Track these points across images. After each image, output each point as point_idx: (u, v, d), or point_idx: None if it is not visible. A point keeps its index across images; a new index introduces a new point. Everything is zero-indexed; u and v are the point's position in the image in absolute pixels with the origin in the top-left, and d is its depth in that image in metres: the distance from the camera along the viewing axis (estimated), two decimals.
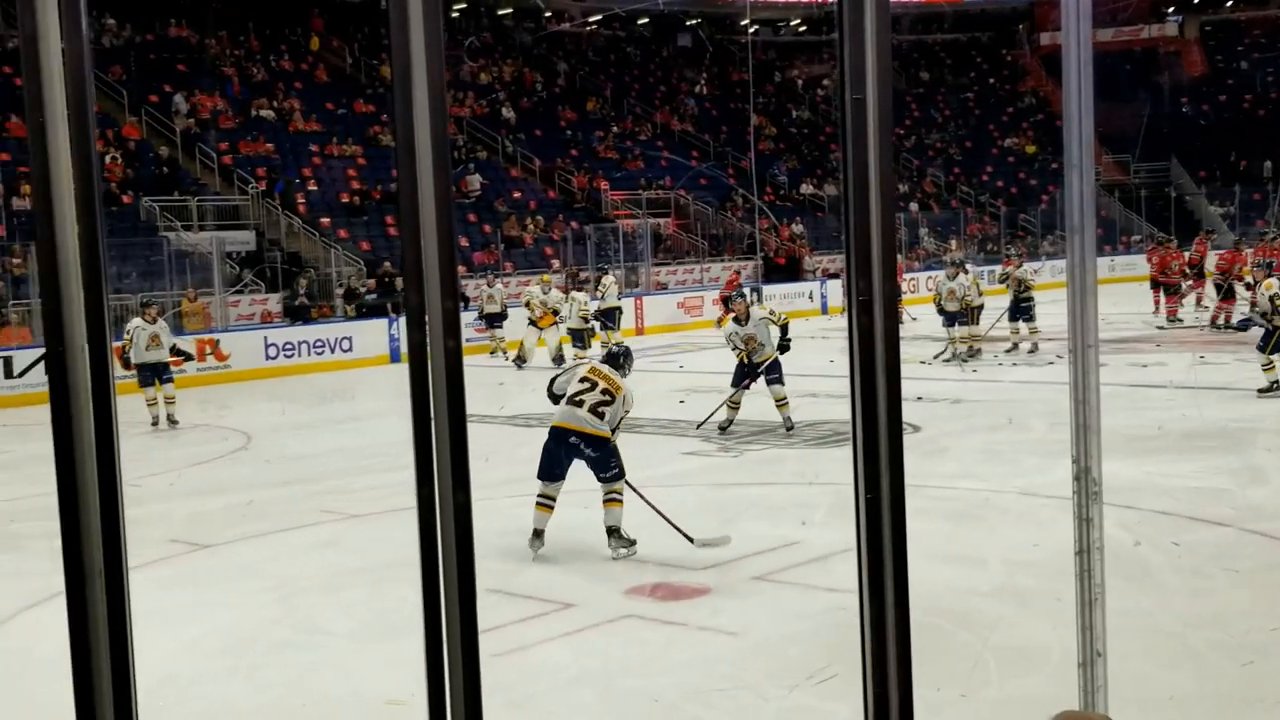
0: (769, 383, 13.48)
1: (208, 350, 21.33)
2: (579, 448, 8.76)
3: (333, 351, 22.87)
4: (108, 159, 25.39)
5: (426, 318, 2.48)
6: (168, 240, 24.15)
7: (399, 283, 25.21)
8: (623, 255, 29.44)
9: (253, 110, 30.42)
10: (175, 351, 16.39)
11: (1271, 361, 14.38)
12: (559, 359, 20.89)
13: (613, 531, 8.67)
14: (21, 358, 18.96)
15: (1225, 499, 9.65)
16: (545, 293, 21.56)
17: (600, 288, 21.98)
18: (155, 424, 15.80)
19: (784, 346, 13.62)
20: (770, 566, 8.30)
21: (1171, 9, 49.91)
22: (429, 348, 2.45)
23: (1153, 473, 10.33)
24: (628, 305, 25.33)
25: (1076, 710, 3.25)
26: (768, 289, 30.54)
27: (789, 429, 13.38)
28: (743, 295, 14.76)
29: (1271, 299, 14.42)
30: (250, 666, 6.84)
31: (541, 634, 6.99)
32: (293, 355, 22.40)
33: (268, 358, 22.15)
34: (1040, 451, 11.80)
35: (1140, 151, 42.33)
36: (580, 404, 8.83)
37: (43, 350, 11.99)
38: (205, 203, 26.40)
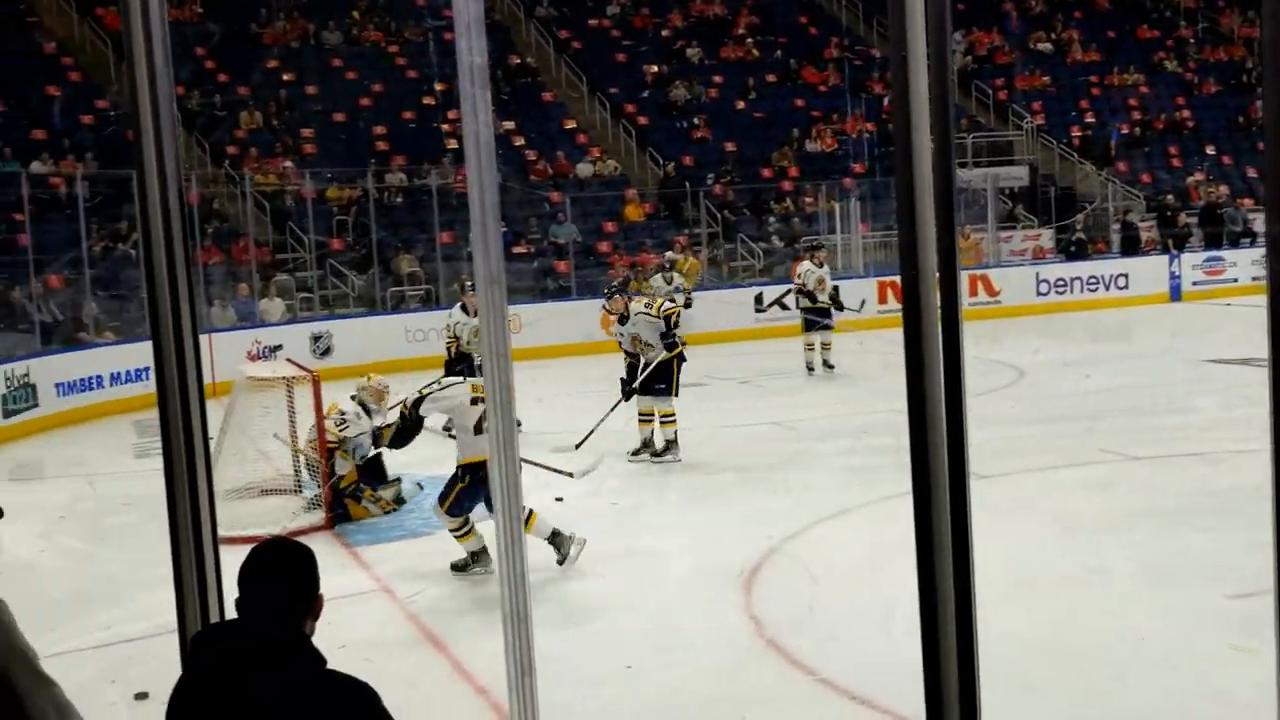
0: (654, 393, 11.02)
1: (979, 286, 21.69)
2: None
3: (1107, 289, 22.27)
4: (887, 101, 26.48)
5: None
6: None
7: (1181, 218, 23.91)
8: None
9: (1030, 44, 30.15)
10: (834, 302, 16.11)
11: None
12: None
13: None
14: (770, 292, 20.51)
15: None
16: None
17: None
18: (810, 370, 15.88)
19: (670, 344, 11.03)
20: None
21: None
22: None
23: None
24: None
25: None
26: None
27: (653, 454, 11.00)
28: (621, 291, 12.08)
29: None
30: (1031, 598, 6.89)
31: None
32: (1065, 291, 22.12)
33: (1039, 294, 22.07)
34: None
35: None
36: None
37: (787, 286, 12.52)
38: (980, 139, 26.69)
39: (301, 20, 25.54)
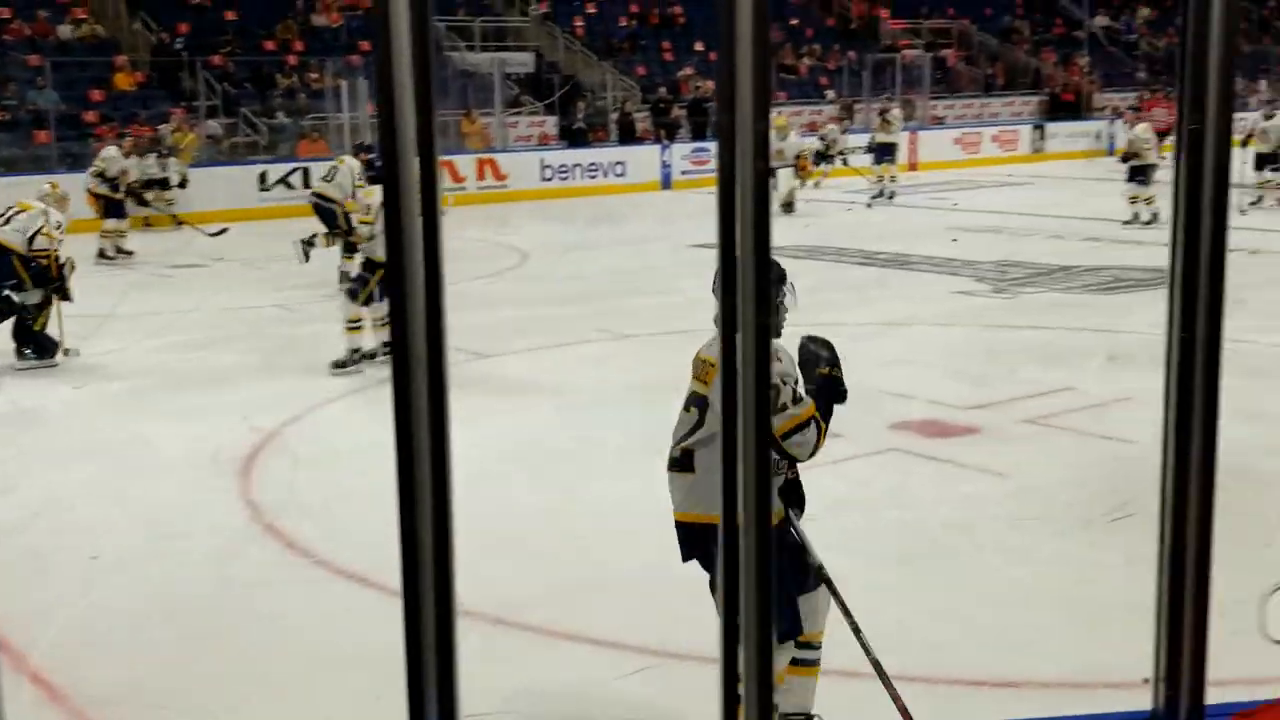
0: None
1: (487, 170, 22.00)
2: None
3: (606, 176, 23.19)
4: None
5: (736, 140, 2.47)
6: (451, 60, 24.71)
7: (673, 110, 25.19)
8: (899, 87, 28.49)
9: None
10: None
11: None
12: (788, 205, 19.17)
13: None
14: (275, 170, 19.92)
15: None
16: (783, 139, 19.40)
17: (888, 120, 21.39)
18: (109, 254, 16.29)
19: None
20: (1043, 411, 8.13)
21: None
22: (739, 170, 2.45)
23: None
24: (901, 140, 24.66)
25: None
26: (1051, 127, 29.24)
27: None
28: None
29: None
30: (531, 470, 7.19)
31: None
32: (568, 177, 22.83)
33: (543, 179, 22.64)
34: None
35: None
36: None
37: None
38: (488, 24, 26.81)
39: None
